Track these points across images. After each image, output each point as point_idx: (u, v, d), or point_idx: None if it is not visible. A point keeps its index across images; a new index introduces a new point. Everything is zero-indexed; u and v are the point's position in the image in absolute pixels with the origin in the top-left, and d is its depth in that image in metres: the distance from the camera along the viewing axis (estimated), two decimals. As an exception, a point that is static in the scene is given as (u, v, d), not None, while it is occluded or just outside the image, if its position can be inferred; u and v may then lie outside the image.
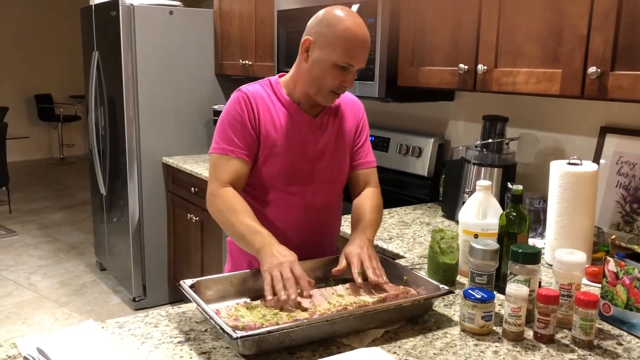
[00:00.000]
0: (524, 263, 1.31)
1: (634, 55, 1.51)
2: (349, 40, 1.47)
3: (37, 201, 6.37)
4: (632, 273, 1.30)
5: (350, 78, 1.51)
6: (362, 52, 1.50)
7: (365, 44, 1.50)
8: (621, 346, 1.26)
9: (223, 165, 1.56)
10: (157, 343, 1.23)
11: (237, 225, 1.49)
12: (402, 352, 1.21)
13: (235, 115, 1.57)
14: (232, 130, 1.56)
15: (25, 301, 3.85)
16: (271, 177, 1.59)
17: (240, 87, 1.61)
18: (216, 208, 1.55)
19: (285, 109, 1.60)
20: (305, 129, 1.61)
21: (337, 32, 1.47)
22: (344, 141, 1.68)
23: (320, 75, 1.51)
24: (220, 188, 1.55)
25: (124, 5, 3.36)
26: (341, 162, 1.68)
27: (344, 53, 1.47)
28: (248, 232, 1.46)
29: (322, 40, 1.50)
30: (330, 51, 1.48)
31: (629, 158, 1.90)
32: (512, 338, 1.27)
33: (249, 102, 1.57)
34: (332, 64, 1.49)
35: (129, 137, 3.50)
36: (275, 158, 1.58)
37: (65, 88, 8.75)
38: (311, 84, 1.54)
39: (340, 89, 1.53)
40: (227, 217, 1.52)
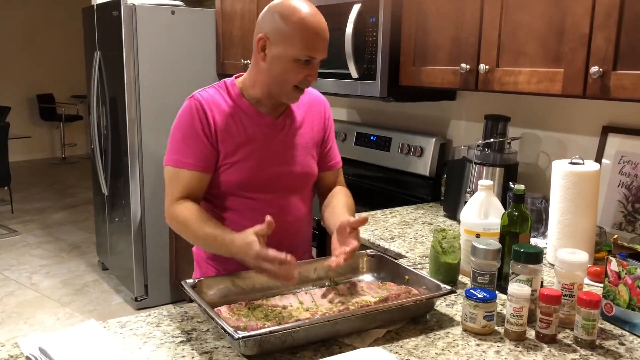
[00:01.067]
0: (526, 263, 1.31)
1: (636, 55, 1.51)
2: (307, 32, 1.39)
3: (39, 201, 6.38)
4: (635, 273, 1.30)
5: (314, 71, 1.45)
6: (322, 42, 1.43)
7: (325, 34, 1.43)
8: (623, 346, 1.26)
9: (177, 179, 1.49)
10: (159, 343, 1.23)
11: (198, 240, 1.46)
12: (404, 352, 1.21)
13: (188, 125, 1.48)
14: (184, 141, 1.48)
15: (27, 301, 3.86)
16: (236, 185, 1.51)
17: (193, 93, 1.53)
18: (174, 226, 1.50)
19: (243, 112, 1.52)
20: (267, 131, 1.53)
21: (293, 24, 1.39)
22: (311, 141, 1.61)
23: (282, 73, 1.44)
24: (173, 204, 1.48)
25: (125, 5, 3.36)
26: (309, 162, 1.61)
27: (304, 47, 1.40)
28: (209, 242, 1.43)
29: (277, 35, 1.41)
30: (288, 46, 1.40)
31: (631, 157, 1.90)
32: (514, 338, 1.27)
33: (202, 109, 1.48)
34: (293, 59, 1.41)
35: (131, 136, 3.50)
36: (238, 165, 1.50)
37: (67, 88, 8.76)
38: (273, 83, 1.47)
39: (304, 84, 1.47)
40: (185, 233, 1.47)
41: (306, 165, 1.60)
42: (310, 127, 1.62)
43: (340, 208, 1.57)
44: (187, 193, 1.48)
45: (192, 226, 1.44)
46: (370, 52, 2.27)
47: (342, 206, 1.58)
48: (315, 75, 1.46)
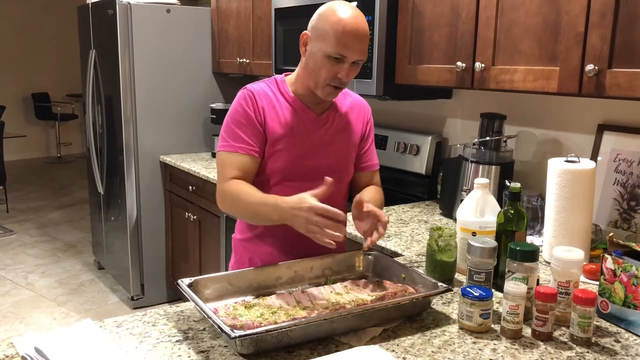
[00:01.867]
0: (522, 261, 1.31)
1: (631, 53, 1.51)
2: (340, 30, 1.46)
3: (34, 200, 6.36)
4: (630, 270, 1.30)
5: (345, 70, 1.50)
6: (354, 42, 1.48)
7: (358, 34, 1.48)
8: (619, 343, 1.26)
9: (230, 163, 1.57)
10: (155, 342, 1.23)
11: (247, 208, 1.53)
12: (401, 350, 1.21)
13: (242, 112, 1.58)
14: (238, 127, 1.58)
15: (23, 300, 3.85)
16: (275, 172, 1.60)
17: (246, 85, 1.63)
18: (226, 203, 1.58)
19: (290, 106, 1.61)
20: (309, 125, 1.62)
21: (330, 23, 1.47)
22: (350, 140, 1.68)
23: (315, 68, 1.52)
24: (225, 184, 1.57)
25: (120, 3, 3.35)
26: (346, 160, 1.68)
27: (335, 43, 1.46)
28: (258, 209, 1.49)
29: (316, 33, 1.51)
30: (322, 43, 1.48)
31: (626, 155, 1.90)
32: (510, 336, 1.27)
33: (254, 99, 1.58)
34: (325, 55, 1.48)
35: (127, 135, 3.50)
36: (279, 154, 1.59)
37: (62, 87, 8.73)
38: (309, 77, 1.55)
39: (335, 82, 1.52)
40: (237, 205, 1.55)
41: (343, 162, 1.68)
42: (351, 129, 1.69)
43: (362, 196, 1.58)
44: (239, 174, 1.56)
45: (243, 195, 1.52)
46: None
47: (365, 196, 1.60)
48: (346, 74, 1.51)
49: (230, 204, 1.58)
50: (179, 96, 3.63)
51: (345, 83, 1.54)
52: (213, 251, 3.21)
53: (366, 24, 1.51)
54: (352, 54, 1.49)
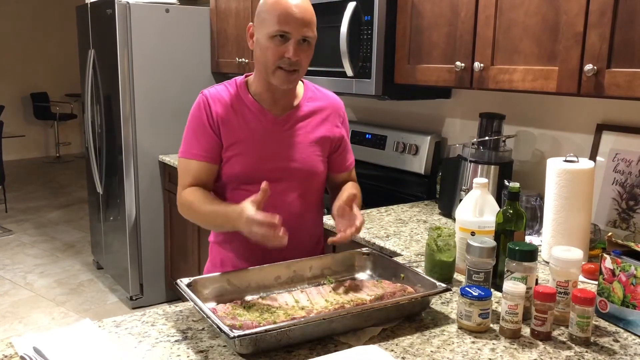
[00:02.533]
0: (521, 260, 1.31)
1: (630, 53, 1.52)
2: (278, 8, 1.45)
3: (33, 200, 6.36)
4: (629, 270, 1.30)
5: (292, 49, 1.46)
6: (295, 17, 1.45)
7: (298, 9, 1.45)
8: (618, 343, 1.26)
9: (186, 170, 1.58)
10: (154, 342, 1.23)
11: (201, 218, 1.56)
12: (400, 350, 1.21)
13: (196, 118, 1.57)
14: (193, 133, 1.58)
15: (21, 300, 3.85)
16: (232, 177, 1.58)
17: (204, 89, 1.62)
18: (184, 212, 1.59)
19: (247, 108, 1.58)
20: (269, 127, 1.58)
21: (268, 6, 1.47)
22: (316, 140, 1.62)
23: (262, 54, 1.50)
24: (182, 192, 1.58)
25: (119, 3, 3.35)
26: (311, 161, 1.62)
27: (274, 22, 1.45)
28: (211, 219, 1.53)
29: (257, 20, 1.51)
30: (263, 27, 1.48)
31: (625, 155, 1.90)
32: (509, 335, 1.27)
33: (207, 104, 1.57)
34: (268, 37, 1.47)
35: (125, 135, 3.49)
36: (236, 159, 1.56)
37: (61, 86, 8.72)
38: (260, 67, 1.53)
39: (284, 63, 1.48)
40: (193, 215, 1.57)
41: (308, 163, 1.62)
42: (319, 127, 1.64)
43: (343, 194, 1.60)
44: (195, 182, 1.57)
45: (196, 206, 1.53)
46: (365, 50, 2.27)
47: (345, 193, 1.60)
48: (294, 53, 1.46)
49: (187, 213, 1.58)
50: (178, 96, 3.63)
51: (297, 64, 1.49)
52: (212, 251, 3.20)
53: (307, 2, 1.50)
54: (295, 29, 1.46)
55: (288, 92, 1.59)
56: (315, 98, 1.66)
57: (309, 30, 1.48)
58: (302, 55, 1.49)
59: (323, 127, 1.64)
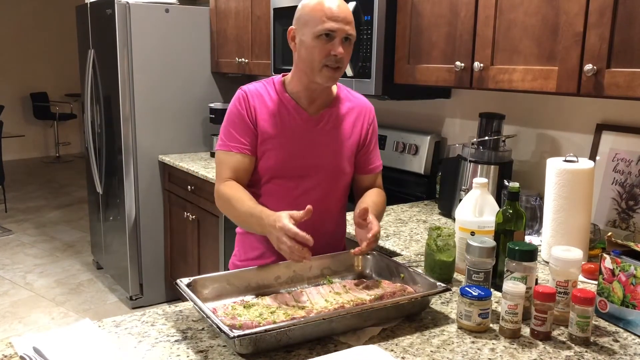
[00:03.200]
0: (521, 260, 1.31)
1: (630, 53, 1.52)
2: (320, 9, 1.51)
3: (33, 200, 6.35)
4: (628, 270, 1.30)
5: (337, 46, 1.52)
6: (339, 16, 1.51)
7: (341, 9, 1.52)
8: (617, 343, 1.26)
9: (225, 162, 1.63)
10: (154, 342, 1.23)
11: (237, 215, 1.58)
12: (399, 350, 1.21)
13: (235, 112, 1.63)
14: (232, 127, 1.63)
15: (21, 300, 3.85)
16: (266, 171, 1.64)
17: (242, 86, 1.67)
18: (219, 204, 1.63)
19: (283, 105, 1.63)
20: (302, 124, 1.63)
21: (310, 8, 1.53)
22: (346, 141, 1.68)
23: (308, 53, 1.54)
24: (221, 184, 1.61)
25: (119, 3, 3.35)
26: (340, 160, 1.67)
27: (319, 22, 1.51)
28: (245, 218, 1.55)
29: (300, 22, 1.56)
30: (308, 27, 1.53)
31: (624, 155, 1.90)
32: (509, 335, 1.27)
33: (247, 99, 1.63)
34: (314, 36, 1.52)
35: (125, 135, 3.49)
36: (270, 153, 1.62)
37: (61, 86, 8.72)
38: (304, 67, 1.57)
39: (331, 61, 1.53)
40: (229, 210, 1.60)
41: (337, 163, 1.67)
42: (350, 129, 1.69)
43: (367, 202, 1.63)
44: (234, 174, 1.62)
45: (234, 202, 1.57)
46: (365, 50, 2.27)
47: (369, 201, 1.65)
48: (339, 51, 1.52)
49: (223, 208, 1.63)
50: (177, 96, 3.63)
51: (341, 61, 1.54)
52: (212, 251, 3.21)
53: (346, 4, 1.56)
54: (340, 27, 1.52)
55: (325, 91, 1.65)
56: (348, 99, 1.71)
57: (351, 29, 1.55)
58: (346, 52, 1.55)
59: (353, 128, 1.70)
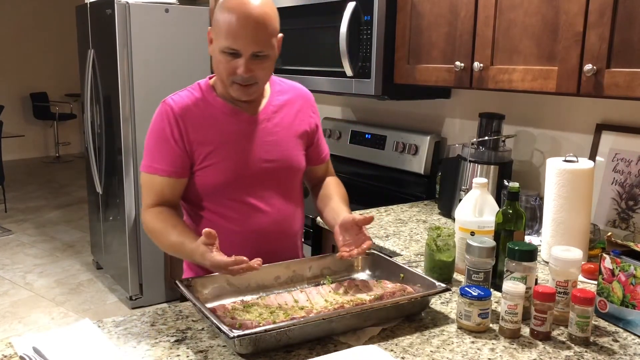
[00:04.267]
0: (521, 260, 1.31)
1: (630, 53, 1.52)
2: (230, 21, 1.33)
3: (33, 200, 6.35)
4: (628, 270, 1.30)
5: (243, 65, 1.35)
6: (246, 32, 1.33)
7: (248, 22, 1.32)
8: (617, 343, 1.26)
9: (149, 185, 1.48)
10: (154, 342, 1.23)
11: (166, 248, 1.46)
12: (399, 350, 1.21)
13: (160, 130, 1.45)
14: (156, 146, 1.46)
15: (21, 300, 3.85)
16: (216, 187, 1.47)
17: (166, 97, 1.49)
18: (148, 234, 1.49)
19: (219, 111, 1.48)
20: (245, 127, 1.49)
21: (221, 13, 1.36)
22: (294, 135, 1.56)
23: (216, 66, 1.41)
24: (146, 211, 1.48)
25: (119, 3, 3.35)
26: (294, 155, 1.56)
27: (225, 37, 1.34)
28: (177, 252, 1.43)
29: (214, 27, 1.40)
30: (217, 37, 1.38)
31: (624, 155, 1.90)
32: (508, 335, 1.27)
33: (172, 114, 1.44)
34: (220, 51, 1.37)
35: (125, 135, 3.49)
36: (217, 166, 1.46)
37: (60, 86, 8.72)
38: (217, 77, 1.45)
39: (237, 79, 1.38)
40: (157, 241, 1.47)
41: (290, 158, 1.55)
42: (293, 120, 1.57)
43: (337, 202, 1.58)
44: (160, 199, 1.47)
45: (159, 236, 1.45)
46: (365, 50, 2.27)
47: (338, 200, 1.59)
48: (245, 70, 1.36)
49: (150, 236, 1.48)
50: (177, 96, 3.62)
51: (252, 79, 1.39)
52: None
53: (265, 9, 1.36)
54: (244, 46, 1.34)
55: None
56: (283, 91, 1.58)
57: (262, 45, 1.36)
58: (257, 69, 1.39)
59: (298, 119, 1.58)
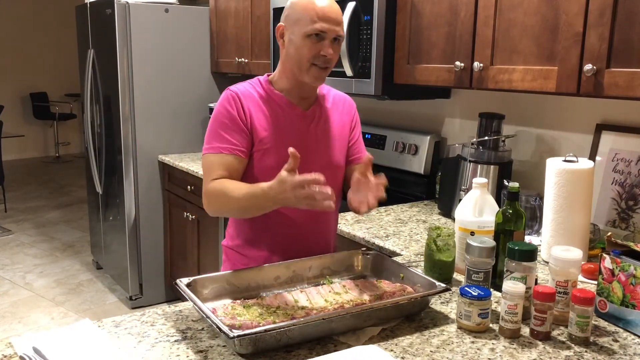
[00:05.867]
0: (521, 260, 1.31)
1: (629, 53, 1.52)
2: (312, 8, 1.50)
3: (32, 200, 6.35)
4: (628, 270, 1.30)
5: (327, 47, 1.51)
6: (330, 17, 1.50)
7: (332, 9, 1.51)
8: (617, 343, 1.26)
9: (215, 163, 1.55)
10: (154, 342, 1.23)
11: (236, 204, 1.49)
12: (399, 350, 1.21)
13: (225, 113, 1.57)
14: (222, 128, 1.56)
15: (21, 300, 3.85)
16: (266, 171, 1.56)
17: (229, 87, 1.63)
18: (213, 204, 1.55)
19: (276, 103, 1.61)
20: (297, 121, 1.61)
21: (302, 7, 1.51)
22: (339, 133, 1.68)
23: (297, 52, 1.53)
24: (210, 183, 1.54)
25: (119, 3, 3.35)
26: (337, 154, 1.67)
27: (310, 21, 1.49)
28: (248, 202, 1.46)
29: (290, 20, 1.54)
30: (298, 26, 1.51)
31: (624, 155, 1.90)
32: (508, 335, 1.27)
33: (238, 99, 1.57)
34: (304, 35, 1.50)
35: (125, 135, 3.49)
36: (269, 153, 1.58)
37: (60, 86, 8.72)
38: (293, 65, 1.55)
39: (319, 60, 1.52)
40: (225, 203, 1.52)
41: (335, 156, 1.67)
42: (339, 122, 1.69)
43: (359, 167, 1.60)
44: (223, 174, 1.54)
45: (231, 192, 1.48)
46: (365, 50, 2.27)
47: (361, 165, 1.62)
48: (329, 51, 1.52)
49: (217, 204, 1.54)
50: (177, 96, 3.63)
51: (330, 62, 1.54)
52: (212, 251, 3.21)
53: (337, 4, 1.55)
54: (330, 28, 1.51)
55: (314, 88, 1.64)
56: (330, 94, 1.72)
57: (341, 29, 1.54)
58: (335, 52, 1.55)
59: (341, 121, 1.70)
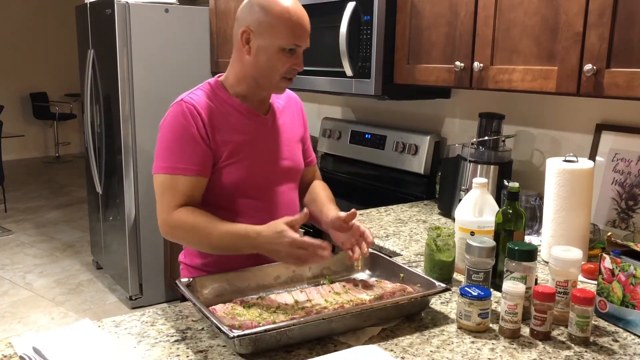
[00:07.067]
0: (521, 260, 1.31)
1: (629, 53, 1.52)
2: (291, 20, 1.41)
3: (32, 200, 6.35)
4: (628, 270, 1.30)
5: (300, 60, 1.47)
6: (306, 30, 1.45)
7: (307, 22, 1.46)
8: (617, 343, 1.27)
9: (173, 188, 1.42)
10: (154, 342, 1.23)
11: (210, 241, 1.40)
12: (399, 350, 1.21)
13: (182, 129, 1.44)
14: (179, 146, 1.43)
15: (21, 300, 3.85)
16: (236, 184, 1.49)
17: (181, 97, 1.51)
18: (179, 235, 1.45)
19: (235, 110, 1.51)
20: (260, 128, 1.54)
21: (275, 15, 1.41)
22: (295, 135, 1.64)
23: (268, 64, 1.44)
24: (172, 213, 1.41)
25: (119, 3, 3.34)
26: (298, 156, 1.64)
27: (289, 35, 1.42)
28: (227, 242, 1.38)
29: (261, 27, 1.42)
30: (274, 37, 1.42)
31: (624, 155, 1.90)
32: (508, 335, 1.27)
33: (196, 113, 1.45)
34: (279, 49, 1.42)
35: (125, 135, 3.49)
36: (237, 164, 1.48)
37: (60, 86, 8.72)
38: (261, 75, 1.47)
39: (291, 73, 1.48)
40: (194, 237, 1.42)
41: (296, 159, 1.64)
42: (292, 123, 1.65)
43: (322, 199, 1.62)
44: (186, 200, 1.42)
45: (204, 228, 1.39)
46: (365, 50, 2.27)
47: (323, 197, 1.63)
48: (300, 64, 1.47)
49: (184, 238, 1.45)
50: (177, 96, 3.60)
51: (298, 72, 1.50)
52: (211, 251, 3.20)
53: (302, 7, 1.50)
54: (306, 40, 1.46)
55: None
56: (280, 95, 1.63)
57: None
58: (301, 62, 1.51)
59: (294, 122, 1.66)
